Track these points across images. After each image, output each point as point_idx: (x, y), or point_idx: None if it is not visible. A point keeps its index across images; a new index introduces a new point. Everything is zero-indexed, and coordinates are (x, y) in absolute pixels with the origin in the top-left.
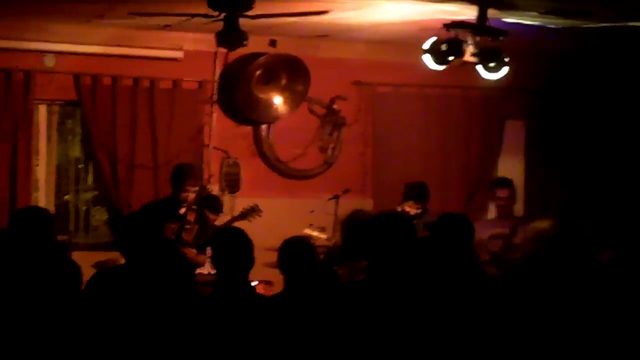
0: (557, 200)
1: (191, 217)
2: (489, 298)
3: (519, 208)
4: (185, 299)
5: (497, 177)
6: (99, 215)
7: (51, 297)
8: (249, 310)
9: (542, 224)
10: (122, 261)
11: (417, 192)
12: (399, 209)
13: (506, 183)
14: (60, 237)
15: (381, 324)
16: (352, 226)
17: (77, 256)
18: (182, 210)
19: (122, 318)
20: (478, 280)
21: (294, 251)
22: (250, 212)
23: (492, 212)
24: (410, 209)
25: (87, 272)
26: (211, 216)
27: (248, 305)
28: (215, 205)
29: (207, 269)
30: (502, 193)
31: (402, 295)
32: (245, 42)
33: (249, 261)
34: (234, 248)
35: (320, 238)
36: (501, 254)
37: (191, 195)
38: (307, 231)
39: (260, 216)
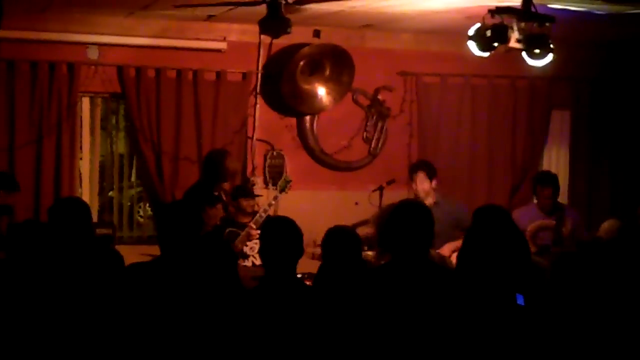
0: (602, 191)
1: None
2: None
3: (563, 199)
4: (228, 292)
5: (540, 173)
6: (143, 212)
7: (96, 284)
8: (299, 303)
9: (608, 225)
10: None
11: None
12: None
13: (549, 181)
14: (104, 231)
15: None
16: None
17: (120, 250)
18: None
19: (157, 313)
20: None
21: (338, 240)
22: (286, 185)
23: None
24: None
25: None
26: (247, 203)
27: (297, 297)
28: (248, 190)
29: (250, 261)
30: (545, 191)
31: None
32: (289, 30)
33: (299, 251)
34: (284, 238)
35: None
36: (553, 246)
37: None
38: None
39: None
